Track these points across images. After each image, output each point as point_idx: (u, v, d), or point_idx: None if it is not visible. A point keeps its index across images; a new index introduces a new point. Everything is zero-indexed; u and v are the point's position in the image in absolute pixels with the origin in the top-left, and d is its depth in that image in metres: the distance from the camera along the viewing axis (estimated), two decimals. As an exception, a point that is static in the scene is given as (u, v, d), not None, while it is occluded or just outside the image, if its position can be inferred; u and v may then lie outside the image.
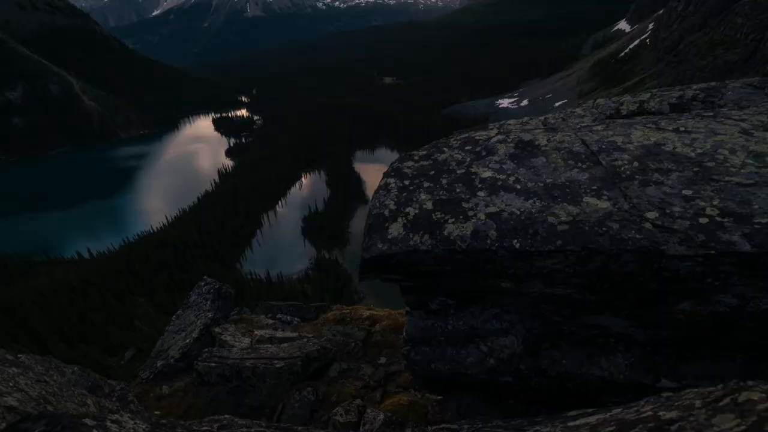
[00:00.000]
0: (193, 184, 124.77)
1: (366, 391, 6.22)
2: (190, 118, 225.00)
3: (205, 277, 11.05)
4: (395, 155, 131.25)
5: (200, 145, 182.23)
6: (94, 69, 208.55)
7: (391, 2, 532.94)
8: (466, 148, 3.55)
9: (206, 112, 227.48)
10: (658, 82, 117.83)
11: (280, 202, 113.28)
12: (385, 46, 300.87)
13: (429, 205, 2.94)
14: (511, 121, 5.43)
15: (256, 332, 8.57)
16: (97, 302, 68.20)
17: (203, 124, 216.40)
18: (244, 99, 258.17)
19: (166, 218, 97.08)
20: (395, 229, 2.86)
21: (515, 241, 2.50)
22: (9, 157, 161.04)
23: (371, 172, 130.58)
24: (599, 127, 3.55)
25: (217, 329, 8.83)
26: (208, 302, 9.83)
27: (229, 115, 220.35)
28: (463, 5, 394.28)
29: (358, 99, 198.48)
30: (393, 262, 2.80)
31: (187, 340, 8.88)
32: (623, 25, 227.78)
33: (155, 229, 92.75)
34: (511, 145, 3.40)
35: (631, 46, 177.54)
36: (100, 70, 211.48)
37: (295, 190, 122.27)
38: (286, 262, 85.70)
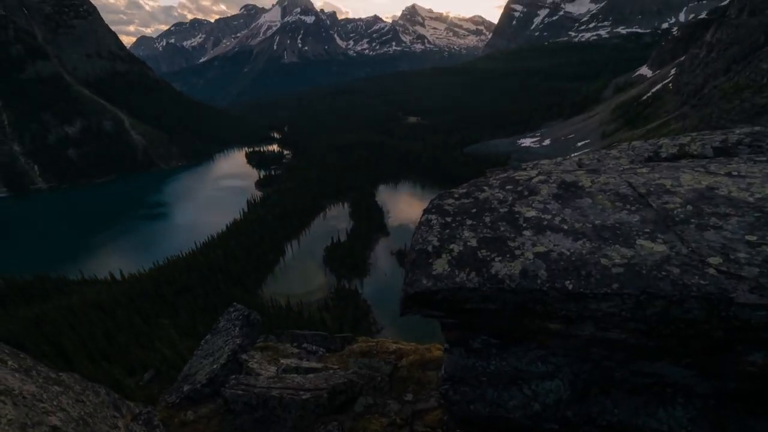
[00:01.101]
0: (223, 213, 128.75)
1: (392, 428, 5.91)
2: (226, 151, 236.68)
3: (234, 303, 11.28)
4: (417, 190, 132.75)
5: (232, 176, 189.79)
6: (143, 107, 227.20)
7: (417, 50, 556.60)
8: (507, 187, 3.53)
9: (240, 147, 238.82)
10: (683, 124, 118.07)
11: (304, 232, 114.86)
12: (410, 89, 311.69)
13: (473, 242, 2.90)
14: (545, 161, 5.29)
15: (282, 361, 8.44)
16: (123, 322, 69.31)
17: (237, 158, 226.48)
18: (276, 135, 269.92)
19: (195, 244, 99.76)
20: (440, 266, 2.81)
21: (567, 282, 2.41)
22: (61, 184, 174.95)
23: (393, 206, 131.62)
24: (644, 170, 3.49)
25: (244, 356, 8.73)
26: (237, 328, 9.73)
27: (261, 149, 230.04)
28: (486, 53, 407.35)
29: (382, 137, 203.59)
30: (437, 298, 2.74)
31: (215, 366, 8.77)
32: (644, 70, 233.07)
33: (184, 253, 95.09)
34: (554, 185, 3.38)
35: (653, 90, 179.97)
36: (149, 108, 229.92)
37: (319, 221, 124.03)
38: (307, 290, 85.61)
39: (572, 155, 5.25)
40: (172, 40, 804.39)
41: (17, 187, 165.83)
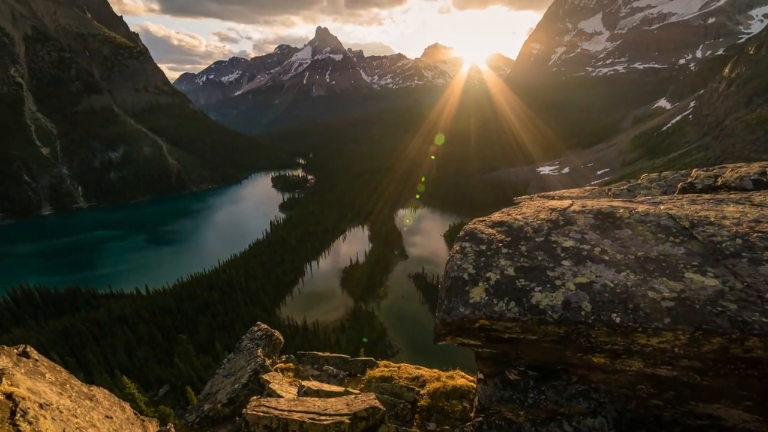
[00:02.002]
0: (247, 233, 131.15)
1: (415, 459, 5.63)
2: (253, 176, 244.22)
3: (258, 322, 10.90)
4: (436, 215, 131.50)
5: (257, 199, 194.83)
6: (181, 135, 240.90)
7: (438, 84, 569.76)
8: (541, 216, 3.47)
9: (267, 172, 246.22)
10: (705, 154, 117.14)
11: (323, 253, 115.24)
12: (430, 119, 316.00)
13: (511, 271, 2.82)
14: (574, 190, 5.19)
15: (303, 383, 8.18)
16: (144, 337, 69.84)
17: (263, 182, 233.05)
18: (301, 161, 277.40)
19: (218, 262, 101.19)
20: (477, 294, 2.73)
21: (614, 315, 2.29)
22: (100, 203, 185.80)
23: (412, 230, 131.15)
24: (683, 201, 3.36)
25: (265, 376, 8.53)
26: (259, 348, 9.57)
27: (286, 174, 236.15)
28: (505, 87, 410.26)
29: (403, 164, 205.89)
30: (475, 327, 2.66)
31: (236, 386, 8.61)
32: (663, 102, 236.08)
33: (207, 271, 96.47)
34: (590, 215, 3.29)
35: (673, 122, 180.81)
36: (186, 136, 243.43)
37: (338, 243, 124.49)
38: (324, 310, 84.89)
39: (604, 188, 5.14)
40: (212, 76, 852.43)
41: (61, 206, 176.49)
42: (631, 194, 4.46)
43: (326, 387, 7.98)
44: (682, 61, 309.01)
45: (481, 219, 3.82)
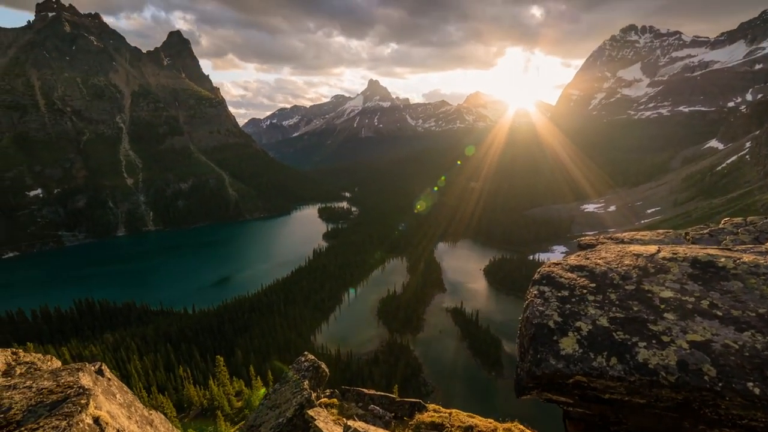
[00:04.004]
0: (291, 259, 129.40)
1: None
2: (302, 207, 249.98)
3: (305, 353, 9.76)
4: (476, 250, 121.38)
5: (304, 227, 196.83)
6: (242, 170, 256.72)
7: (480, 127, 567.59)
8: (626, 262, 2.99)
9: (315, 204, 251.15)
10: None
11: (362, 283, 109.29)
12: (471, 158, 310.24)
13: (604, 321, 2.37)
14: (646, 233, 4.24)
15: (348, 423, 7.40)
16: (184, 355, 66.78)
17: (310, 212, 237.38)
18: (346, 194, 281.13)
19: (261, 286, 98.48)
20: (568, 345, 2.30)
21: (750, 383, 1.76)
22: (165, 227, 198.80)
23: (451, 263, 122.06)
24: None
25: (310, 412, 7.60)
26: (306, 380, 8.71)
27: (332, 206, 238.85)
28: (553, 124, 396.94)
29: (444, 198, 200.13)
30: (569, 383, 2.14)
31: (281, 419, 7.70)
32: (715, 143, 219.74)
33: (250, 293, 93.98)
34: (685, 264, 2.83)
35: (728, 162, 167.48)
36: (246, 170, 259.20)
37: (377, 273, 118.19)
38: (358, 341, 77.70)
39: (680, 232, 4.13)
40: (275, 120, 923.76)
41: (133, 228, 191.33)
42: (714, 239, 3.81)
43: (373, 430, 7.27)
44: (731, 104, 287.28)
45: (556, 262, 3.37)
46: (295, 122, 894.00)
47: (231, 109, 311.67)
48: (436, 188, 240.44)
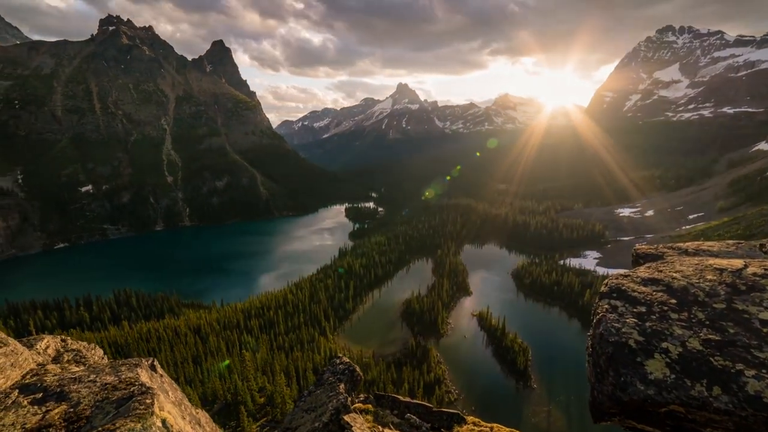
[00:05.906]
0: (316, 257, 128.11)
1: None
2: (329, 206, 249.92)
3: (339, 355, 9.16)
4: (503, 253, 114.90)
5: (330, 226, 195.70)
6: (274, 169, 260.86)
7: (508, 129, 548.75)
8: (708, 277, 2.62)
9: (342, 203, 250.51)
10: None
11: (386, 283, 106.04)
12: (499, 160, 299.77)
13: (696, 344, 2.07)
14: (713, 243, 3.77)
15: (384, 431, 7.32)
16: (211, 348, 66.15)
17: (337, 211, 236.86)
18: (373, 194, 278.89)
19: (288, 282, 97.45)
20: (656, 369, 2.00)
21: None
22: (200, 223, 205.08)
23: (478, 266, 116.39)
24: None
25: (346, 418, 7.26)
26: (341, 383, 8.23)
27: (359, 205, 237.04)
28: (578, 131, 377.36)
29: (470, 200, 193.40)
30: (661, 411, 1.89)
31: (317, 424, 7.35)
32: (764, 145, 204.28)
33: (276, 290, 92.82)
34: None
35: None
36: (278, 170, 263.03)
37: (402, 273, 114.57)
38: (381, 342, 74.58)
39: (753, 243, 3.66)
40: (306, 122, 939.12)
41: (170, 223, 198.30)
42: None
43: (410, 442, 6.36)
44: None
45: (624, 274, 3.01)
46: (325, 124, 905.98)
47: (266, 112, 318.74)
48: (448, 177, 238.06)
